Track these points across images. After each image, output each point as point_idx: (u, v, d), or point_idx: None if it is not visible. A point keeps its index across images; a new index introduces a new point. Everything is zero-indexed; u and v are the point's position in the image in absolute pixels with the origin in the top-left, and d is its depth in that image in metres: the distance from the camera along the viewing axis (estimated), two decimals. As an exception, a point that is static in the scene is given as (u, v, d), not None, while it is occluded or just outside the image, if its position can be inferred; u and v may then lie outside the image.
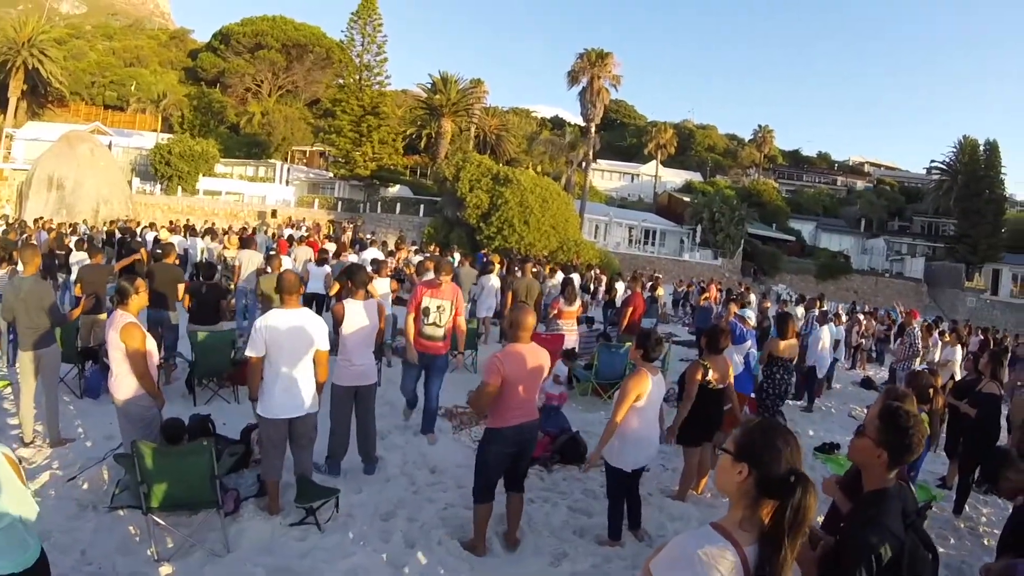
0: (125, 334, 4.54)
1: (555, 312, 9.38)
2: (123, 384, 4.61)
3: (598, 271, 23.35)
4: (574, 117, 61.24)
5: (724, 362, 5.63)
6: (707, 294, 17.08)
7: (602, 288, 17.17)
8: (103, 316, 8.46)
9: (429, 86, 48.92)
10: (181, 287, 8.16)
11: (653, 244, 42.56)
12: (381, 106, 42.38)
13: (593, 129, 40.92)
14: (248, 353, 4.58)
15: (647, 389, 4.52)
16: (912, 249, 48.50)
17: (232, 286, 11.21)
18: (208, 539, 4.23)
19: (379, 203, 40.59)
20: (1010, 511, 3.96)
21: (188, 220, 28.32)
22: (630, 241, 41.83)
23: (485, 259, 15.00)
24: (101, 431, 6.04)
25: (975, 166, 43.76)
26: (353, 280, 5.67)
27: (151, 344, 4.77)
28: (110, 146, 39.28)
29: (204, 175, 42.55)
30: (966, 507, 6.27)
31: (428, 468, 5.83)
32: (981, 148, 44.23)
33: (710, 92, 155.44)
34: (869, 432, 2.43)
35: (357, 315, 5.40)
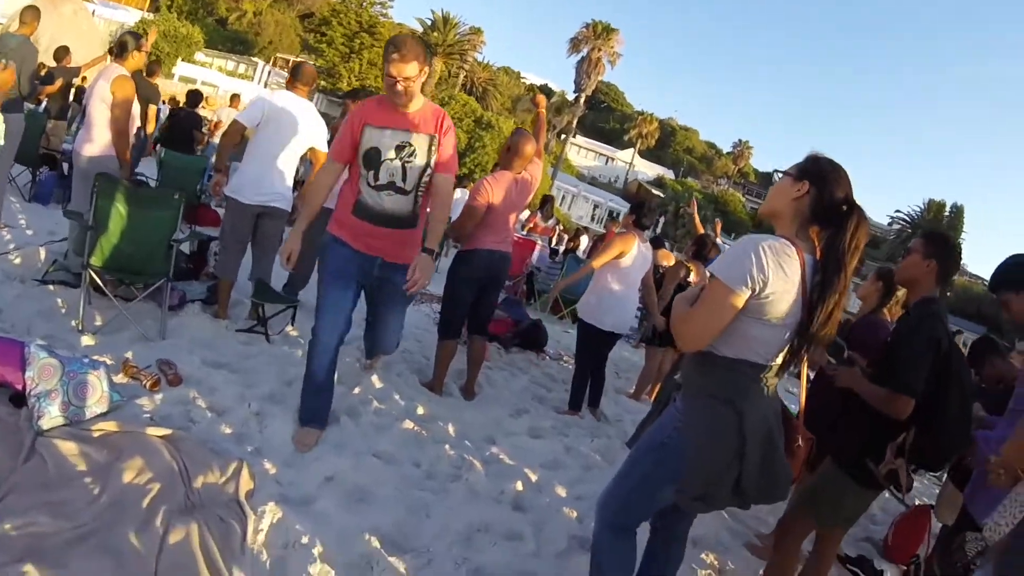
0: (117, 84, 4.14)
1: (531, 225, 9.30)
2: (96, 139, 4.18)
3: (561, 226, 23.38)
4: (563, 90, 60.84)
5: (704, 271, 5.55)
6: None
7: (566, 237, 17.15)
8: (63, 123, 7.88)
9: (429, 22, 47.57)
10: (153, 108, 7.59)
11: (616, 229, 42.74)
12: (379, 27, 41.08)
13: (582, 100, 40.69)
14: (238, 119, 4.17)
15: (632, 250, 4.41)
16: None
17: (205, 141, 10.60)
18: (143, 324, 3.78)
19: (355, 122, 39.42)
20: None
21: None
22: (593, 217, 41.98)
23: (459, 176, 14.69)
24: (45, 227, 5.53)
25: (937, 225, 45.45)
26: (356, 98, 5.27)
27: (136, 110, 4.37)
28: (93, 14, 36.87)
29: (183, 60, 40.37)
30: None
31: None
32: (947, 209, 46.05)
33: (700, 97, 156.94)
34: (915, 248, 2.47)
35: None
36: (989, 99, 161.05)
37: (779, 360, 1.87)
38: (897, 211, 54.90)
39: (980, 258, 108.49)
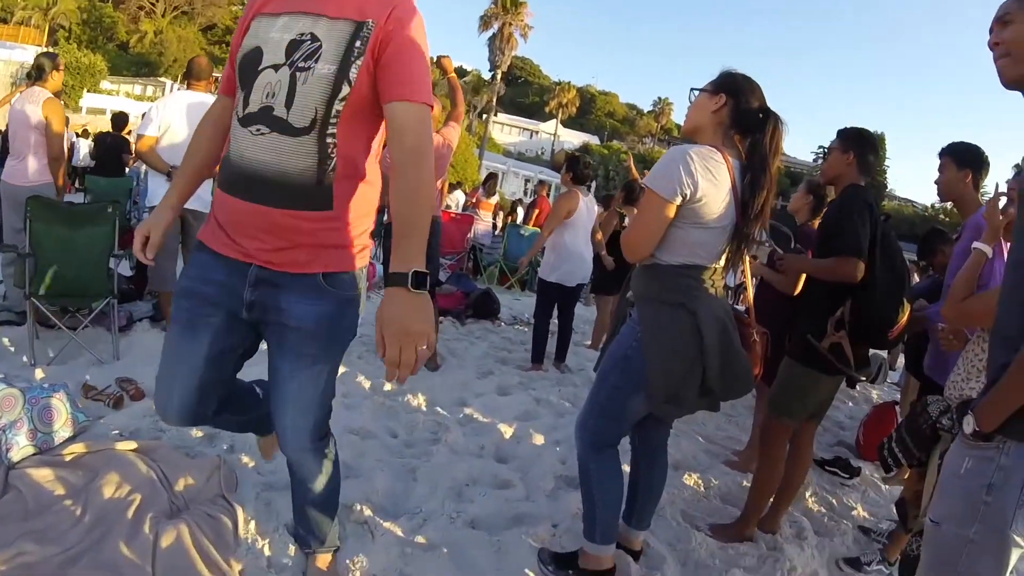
0: (49, 107, 4.04)
1: (473, 201, 9.37)
2: (29, 165, 4.07)
3: (497, 202, 23.55)
4: (478, 69, 60.49)
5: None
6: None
7: (503, 212, 17.28)
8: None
9: (332, 16, 46.39)
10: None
11: (548, 196, 42.99)
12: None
13: (499, 76, 40.56)
14: (140, 132, 4.06)
15: (577, 206, 4.51)
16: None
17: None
18: (95, 348, 3.71)
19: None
20: None
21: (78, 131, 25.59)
22: (525, 192, 42.07)
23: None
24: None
25: None
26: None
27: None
28: None
29: (89, 91, 38.39)
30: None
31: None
32: None
33: (616, 61, 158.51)
34: (834, 146, 2.61)
35: None
36: (895, 22, 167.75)
37: (722, 261, 1.99)
38: (820, 147, 56.60)
39: (906, 183, 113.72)
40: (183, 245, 4.28)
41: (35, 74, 4.20)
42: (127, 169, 8.81)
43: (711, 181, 1.83)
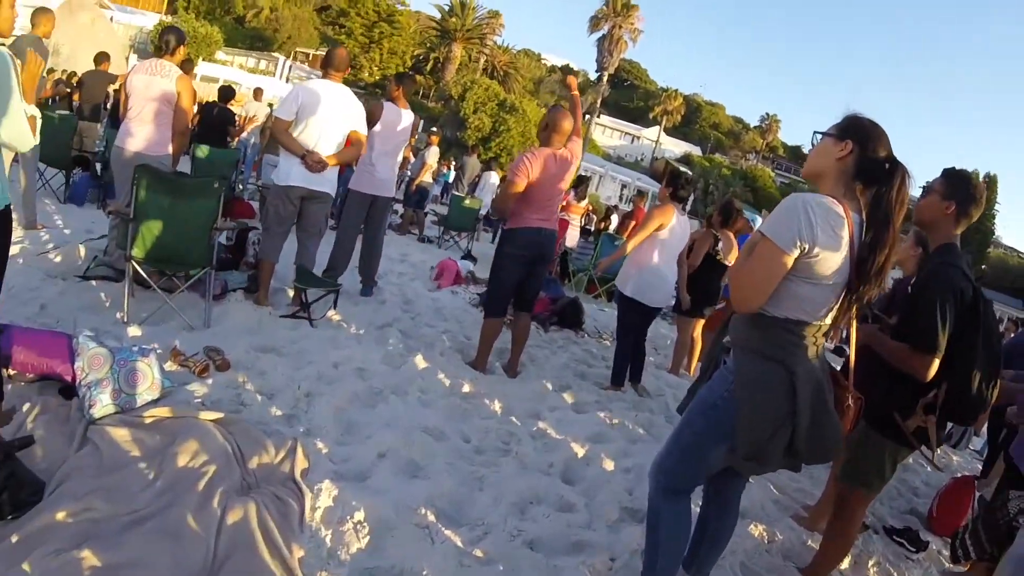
0: (182, 84, 4.29)
1: (564, 204, 9.23)
2: (141, 134, 4.27)
3: (591, 207, 23.33)
4: (583, 70, 60.33)
5: (732, 240, 5.46)
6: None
7: (596, 218, 17.06)
8: (99, 125, 8.03)
9: (447, 7, 47.37)
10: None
11: (644, 205, 42.41)
12: (397, 16, 41.21)
13: (605, 78, 40.23)
14: (277, 114, 4.24)
15: (671, 222, 4.36)
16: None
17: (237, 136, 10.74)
18: (187, 313, 3.83)
19: (377, 112, 39.73)
20: None
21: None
22: (621, 197, 41.56)
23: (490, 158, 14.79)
24: (82, 226, 5.64)
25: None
26: (402, 84, 5.28)
27: None
28: (111, 20, 37.49)
29: (204, 60, 40.92)
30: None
31: (426, 304, 5.60)
32: (980, 178, 44.43)
33: (726, 72, 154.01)
34: (936, 187, 2.42)
35: (393, 119, 5.04)
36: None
37: (829, 319, 1.85)
38: (928, 182, 53.04)
39: (1016, 230, 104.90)
40: (298, 225, 4.43)
41: (164, 47, 4.36)
42: (233, 141, 9.23)
43: (830, 235, 1.71)
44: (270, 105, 21.39)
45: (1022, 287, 43.75)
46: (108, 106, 9.77)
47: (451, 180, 15.52)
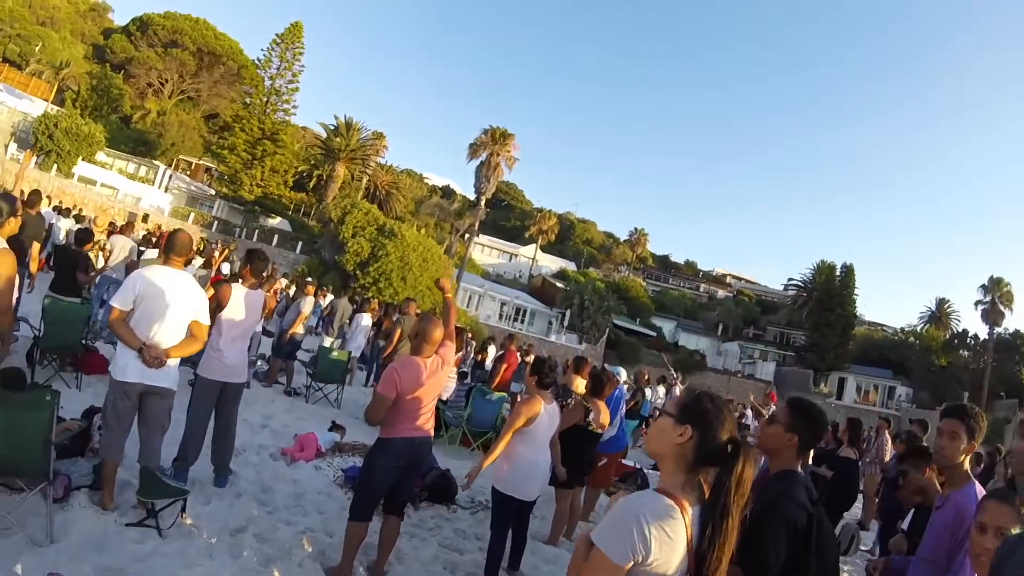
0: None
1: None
2: None
3: (469, 335, 23.37)
4: (464, 190, 62.86)
5: (604, 410, 5.63)
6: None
7: (472, 349, 17.07)
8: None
9: (332, 127, 48.32)
10: (36, 246, 7.17)
11: (523, 322, 43.50)
12: (281, 134, 41.61)
13: (483, 202, 41.97)
14: (112, 303, 4.01)
15: (538, 413, 4.41)
16: (764, 354, 52.23)
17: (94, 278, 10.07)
18: (29, 524, 3.51)
19: (257, 231, 38.98)
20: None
21: (59, 202, 25.55)
22: (500, 316, 42.48)
23: (361, 300, 14.60)
24: None
25: (830, 285, 48.67)
26: (252, 263, 5.18)
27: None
28: None
29: (84, 159, 38.98)
30: None
31: (286, 490, 5.25)
32: (838, 270, 49.38)
33: (596, 189, 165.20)
34: (780, 419, 2.49)
35: (240, 303, 4.91)
36: (858, 161, 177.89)
37: None
38: (790, 279, 57.54)
39: (875, 308, 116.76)
40: (139, 420, 4.14)
41: None
42: (87, 289, 8.63)
43: (665, 542, 1.71)
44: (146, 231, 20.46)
45: (889, 358, 48.00)
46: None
47: (320, 321, 15.19)
